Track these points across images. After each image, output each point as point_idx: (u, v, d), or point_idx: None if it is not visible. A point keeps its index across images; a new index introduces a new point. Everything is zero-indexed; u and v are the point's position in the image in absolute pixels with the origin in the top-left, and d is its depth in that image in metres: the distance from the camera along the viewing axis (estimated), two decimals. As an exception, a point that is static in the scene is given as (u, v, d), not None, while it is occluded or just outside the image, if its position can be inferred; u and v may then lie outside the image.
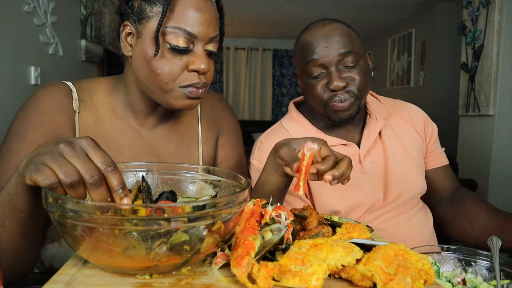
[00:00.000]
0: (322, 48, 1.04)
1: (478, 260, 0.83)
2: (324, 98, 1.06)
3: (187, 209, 0.53)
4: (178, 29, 0.82)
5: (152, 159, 0.98)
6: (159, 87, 0.85)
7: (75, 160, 0.57)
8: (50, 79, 2.48)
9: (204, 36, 0.84)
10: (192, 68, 0.84)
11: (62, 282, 0.56)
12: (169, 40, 0.82)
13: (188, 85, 0.85)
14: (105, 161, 0.58)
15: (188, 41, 0.83)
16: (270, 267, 0.54)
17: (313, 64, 1.05)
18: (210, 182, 0.78)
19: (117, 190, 0.58)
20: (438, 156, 1.23)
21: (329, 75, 1.05)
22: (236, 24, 5.83)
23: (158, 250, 0.54)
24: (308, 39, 1.08)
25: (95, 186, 0.56)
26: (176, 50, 0.83)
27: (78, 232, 0.54)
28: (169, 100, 0.87)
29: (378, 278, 0.54)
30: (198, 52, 0.84)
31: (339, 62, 1.05)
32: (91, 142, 0.59)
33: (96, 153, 0.58)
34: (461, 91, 3.11)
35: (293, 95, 7.20)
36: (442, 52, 4.30)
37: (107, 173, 0.57)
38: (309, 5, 4.54)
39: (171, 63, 0.83)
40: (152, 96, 0.89)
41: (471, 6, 2.94)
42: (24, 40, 2.24)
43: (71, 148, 0.57)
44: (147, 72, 0.85)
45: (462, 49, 3.06)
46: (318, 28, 1.08)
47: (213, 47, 0.87)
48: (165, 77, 0.84)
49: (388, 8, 4.52)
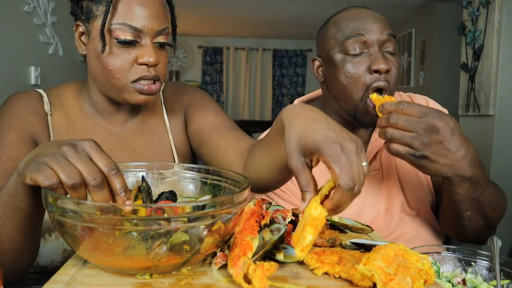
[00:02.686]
0: (370, 26, 0.97)
1: (478, 260, 0.83)
2: (365, 81, 0.96)
3: (187, 209, 0.53)
4: (123, 25, 0.84)
5: (126, 153, 0.99)
6: (112, 83, 0.88)
7: (78, 162, 0.56)
8: (50, 79, 2.48)
9: (150, 30, 0.86)
10: (140, 61, 0.86)
11: (62, 282, 0.56)
12: (116, 36, 0.85)
13: (138, 79, 0.87)
14: (108, 164, 0.58)
15: (135, 36, 0.85)
16: (266, 267, 0.54)
17: (358, 40, 0.96)
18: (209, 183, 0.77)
19: (120, 193, 0.58)
20: None
21: (371, 56, 0.97)
22: (236, 24, 5.83)
23: (158, 250, 0.54)
24: (351, 15, 0.99)
25: (97, 188, 0.56)
26: (123, 44, 0.85)
27: (78, 232, 0.54)
28: (123, 96, 0.89)
29: (378, 278, 0.54)
30: (146, 45, 0.86)
31: (383, 45, 0.98)
32: (94, 145, 0.59)
33: (100, 156, 0.58)
34: (461, 91, 3.11)
35: (293, 95, 7.20)
36: (442, 52, 4.30)
37: (110, 176, 0.58)
38: (309, 5, 4.54)
39: (120, 58, 0.85)
40: (108, 94, 0.92)
41: (471, 6, 2.94)
42: (24, 40, 2.24)
43: (74, 151, 0.57)
44: (100, 69, 0.87)
45: (462, 49, 3.06)
46: (361, 9, 1.01)
47: (163, 39, 0.89)
48: (116, 72, 0.86)
49: (388, 8, 4.52)
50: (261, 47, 7.09)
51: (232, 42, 7.02)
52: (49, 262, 0.89)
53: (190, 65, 7.05)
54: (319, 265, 0.61)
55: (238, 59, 7.13)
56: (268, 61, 7.17)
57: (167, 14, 0.91)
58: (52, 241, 0.88)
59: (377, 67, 0.95)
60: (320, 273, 0.61)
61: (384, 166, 1.08)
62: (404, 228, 1.06)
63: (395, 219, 1.06)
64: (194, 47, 7.01)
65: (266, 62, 7.19)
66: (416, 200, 1.08)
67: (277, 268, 0.56)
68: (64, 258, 0.89)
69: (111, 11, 0.84)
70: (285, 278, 0.60)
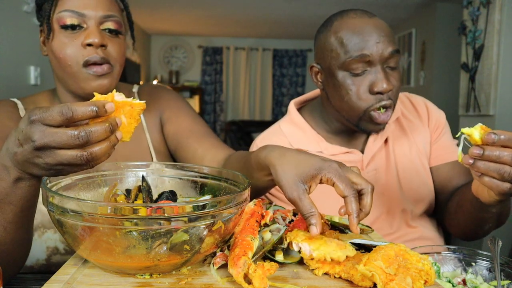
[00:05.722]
0: (373, 43, 0.93)
1: (478, 260, 0.83)
2: (367, 102, 0.95)
3: (187, 209, 0.53)
4: (65, 11, 0.88)
5: None
6: (67, 73, 0.90)
7: (50, 141, 0.53)
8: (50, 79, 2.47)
9: (93, 14, 0.89)
10: (85, 42, 0.88)
11: (62, 281, 0.56)
12: (61, 23, 0.88)
13: (88, 63, 0.88)
14: (60, 110, 0.53)
15: (80, 21, 0.88)
16: (267, 267, 0.54)
17: (361, 60, 0.93)
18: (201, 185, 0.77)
19: (96, 112, 0.54)
20: (448, 149, 1.09)
21: (374, 75, 0.95)
22: (236, 24, 5.83)
23: (158, 249, 0.54)
24: (354, 27, 0.95)
25: (86, 138, 0.53)
26: (67, 29, 0.88)
27: (78, 232, 0.54)
28: (80, 85, 0.90)
29: (378, 278, 0.54)
30: (90, 27, 0.89)
31: (385, 62, 0.96)
32: (36, 110, 0.55)
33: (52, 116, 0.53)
34: (461, 91, 3.11)
35: (293, 95, 7.20)
36: (442, 52, 4.30)
37: (71, 116, 0.53)
38: (309, 5, 4.54)
39: (67, 44, 0.88)
40: (69, 88, 0.93)
41: (471, 6, 2.94)
42: (24, 40, 2.24)
43: (39, 139, 0.54)
44: (54, 60, 0.91)
45: (462, 49, 3.06)
46: (364, 19, 0.96)
47: (110, 25, 0.91)
48: (67, 59, 0.88)
49: (388, 8, 4.52)
50: (261, 47, 7.09)
51: (232, 42, 7.01)
52: (35, 261, 0.90)
53: (190, 65, 7.05)
54: (319, 265, 0.61)
55: (238, 59, 7.12)
56: (268, 61, 7.17)
57: (118, 8, 0.94)
58: (35, 240, 0.88)
59: (379, 89, 0.94)
60: (320, 273, 0.61)
61: (382, 167, 1.08)
62: (406, 228, 1.06)
63: (396, 219, 1.05)
64: (194, 47, 7.01)
65: (266, 62, 7.18)
66: (418, 200, 1.07)
67: (277, 268, 0.56)
68: (48, 255, 0.90)
69: (56, 3, 0.88)
70: (285, 278, 0.60)
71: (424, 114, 1.13)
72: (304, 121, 1.10)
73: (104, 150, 0.56)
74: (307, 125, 1.09)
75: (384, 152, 1.08)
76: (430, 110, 1.13)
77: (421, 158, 1.09)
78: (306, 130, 1.09)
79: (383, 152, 1.08)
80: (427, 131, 1.11)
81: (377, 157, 1.07)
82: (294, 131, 1.09)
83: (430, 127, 1.12)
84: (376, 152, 1.07)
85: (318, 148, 1.06)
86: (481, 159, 0.68)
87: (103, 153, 0.56)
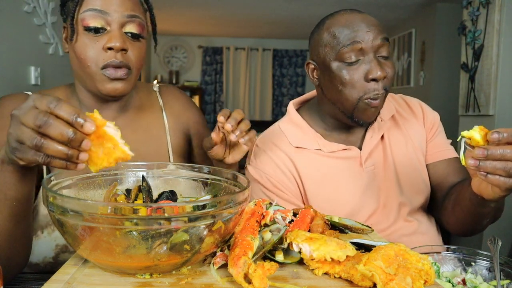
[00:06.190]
0: (363, 32, 0.97)
1: (478, 260, 0.83)
2: (362, 90, 0.98)
3: (188, 209, 0.54)
4: (89, 10, 0.88)
5: None
6: (86, 73, 0.91)
7: (23, 118, 0.56)
8: (50, 79, 2.48)
9: (117, 14, 0.89)
10: (107, 46, 0.88)
11: (62, 281, 0.56)
12: (85, 24, 0.88)
13: (106, 65, 0.89)
14: (47, 102, 0.56)
15: (103, 22, 0.88)
16: (267, 267, 0.54)
17: (353, 48, 0.96)
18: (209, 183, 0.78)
19: (73, 120, 0.55)
20: (443, 147, 1.12)
21: (368, 63, 0.97)
22: (236, 24, 5.83)
23: (158, 249, 0.54)
24: (345, 22, 0.99)
25: (44, 127, 0.55)
26: (91, 31, 0.88)
27: (78, 232, 0.54)
28: (96, 85, 0.91)
29: (378, 278, 0.54)
30: (113, 30, 0.89)
31: (377, 50, 0.98)
32: (34, 95, 0.58)
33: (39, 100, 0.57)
34: (461, 91, 3.11)
35: (293, 95, 7.20)
36: (442, 52, 4.30)
37: (53, 110, 0.56)
38: (309, 5, 4.54)
39: (89, 45, 0.89)
40: (87, 87, 0.95)
41: (471, 6, 2.94)
42: (24, 40, 2.24)
43: (17, 111, 0.58)
44: (75, 60, 0.92)
45: (462, 49, 3.06)
46: (354, 14, 1.01)
47: (133, 28, 0.91)
48: (87, 60, 0.89)
49: (388, 8, 4.52)
50: (261, 47, 7.09)
51: (232, 42, 7.01)
52: (42, 259, 0.90)
53: (190, 65, 7.04)
54: (319, 265, 0.61)
55: (238, 59, 7.12)
56: (268, 61, 7.17)
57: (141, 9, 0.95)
58: (44, 237, 0.89)
59: (374, 76, 0.96)
60: (320, 273, 0.61)
61: (379, 163, 1.10)
62: (402, 222, 1.08)
63: (393, 213, 1.07)
64: (194, 47, 7.01)
65: (266, 62, 7.18)
66: (414, 195, 1.09)
67: (277, 268, 0.56)
68: (56, 253, 0.90)
69: (81, 3, 0.88)
70: (285, 278, 0.60)
71: (419, 113, 1.16)
72: (302, 120, 1.12)
73: (55, 150, 0.55)
74: (306, 123, 1.11)
75: (381, 148, 1.11)
76: (425, 110, 1.16)
77: (417, 153, 1.12)
78: (305, 129, 1.11)
79: (380, 148, 1.10)
80: (422, 129, 1.14)
81: (374, 153, 1.09)
82: (293, 130, 1.12)
83: (426, 126, 1.14)
84: (374, 148, 1.09)
85: (317, 145, 1.09)
86: (486, 159, 0.69)
87: (53, 151, 0.55)
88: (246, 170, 1.12)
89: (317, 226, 0.74)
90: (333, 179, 1.07)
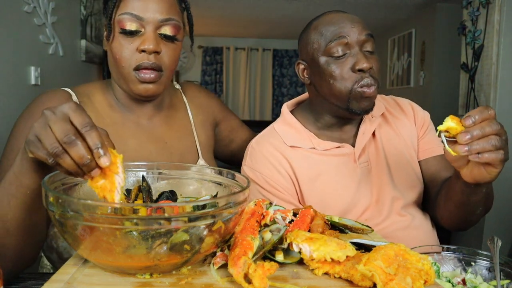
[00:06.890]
0: (348, 28, 1.03)
1: (478, 260, 0.83)
2: (351, 80, 1.01)
3: (188, 209, 0.54)
4: (125, 14, 0.91)
5: (159, 145, 1.03)
6: (120, 73, 0.94)
7: (53, 123, 0.58)
8: (50, 79, 2.48)
9: (152, 18, 0.91)
10: (141, 48, 0.91)
11: (62, 281, 0.56)
12: (121, 26, 0.91)
13: (139, 67, 0.91)
14: (82, 122, 0.58)
15: (138, 25, 0.91)
16: (267, 267, 0.54)
17: (340, 43, 1.02)
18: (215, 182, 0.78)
19: (94, 149, 0.58)
20: (434, 144, 1.15)
21: (354, 56, 1.02)
22: (236, 24, 5.83)
23: (158, 249, 0.54)
24: (330, 20, 1.05)
25: (69, 145, 0.57)
26: (126, 34, 0.91)
27: (78, 232, 0.54)
28: (129, 86, 0.94)
29: (378, 278, 0.54)
30: (147, 33, 0.91)
31: (363, 45, 1.03)
32: (73, 106, 0.60)
33: (75, 115, 0.59)
34: (461, 91, 3.11)
35: (293, 95, 7.20)
36: (442, 52, 4.30)
37: (83, 133, 0.58)
38: (309, 5, 4.54)
39: (124, 46, 0.92)
40: (122, 87, 0.98)
41: (471, 6, 2.94)
42: (24, 40, 2.23)
43: (51, 113, 0.60)
44: (111, 59, 0.95)
45: (462, 49, 3.06)
46: (339, 13, 1.07)
47: (168, 30, 0.93)
48: (121, 60, 0.92)
49: (388, 8, 4.52)
50: (261, 47, 7.09)
51: (232, 42, 7.01)
52: None
53: (190, 65, 7.04)
54: (319, 265, 0.61)
55: (238, 59, 7.12)
56: (268, 61, 7.17)
57: (178, 9, 0.97)
58: None
59: (360, 67, 1.00)
60: (320, 273, 0.61)
61: (372, 158, 1.12)
62: (395, 216, 1.09)
63: (386, 208, 1.09)
64: (194, 47, 7.01)
65: (266, 62, 7.18)
66: (406, 189, 1.11)
67: (277, 268, 0.56)
68: None
69: (118, 5, 0.92)
70: (285, 278, 0.60)
71: (409, 112, 1.19)
72: (296, 121, 1.15)
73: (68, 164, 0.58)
74: (299, 124, 1.15)
75: (374, 145, 1.13)
76: (415, 109, 1.20)
77: (408, 150, 1.14)
78: (299, 129, 1.14)
79: (372, 145, 1.13)
80: (413, 127, 1.17)
81: (367, 149, 1.12)
82: (287, 130, 1.15)
83: (417, 124, 1.17)
84: (366, 144, 1.12)
85: (311, 144, 1.11)
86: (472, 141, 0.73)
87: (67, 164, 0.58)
88: (242, 171, 1.13)
89: (317, 226, 0.74)
90: (328, 177, 1.08)
